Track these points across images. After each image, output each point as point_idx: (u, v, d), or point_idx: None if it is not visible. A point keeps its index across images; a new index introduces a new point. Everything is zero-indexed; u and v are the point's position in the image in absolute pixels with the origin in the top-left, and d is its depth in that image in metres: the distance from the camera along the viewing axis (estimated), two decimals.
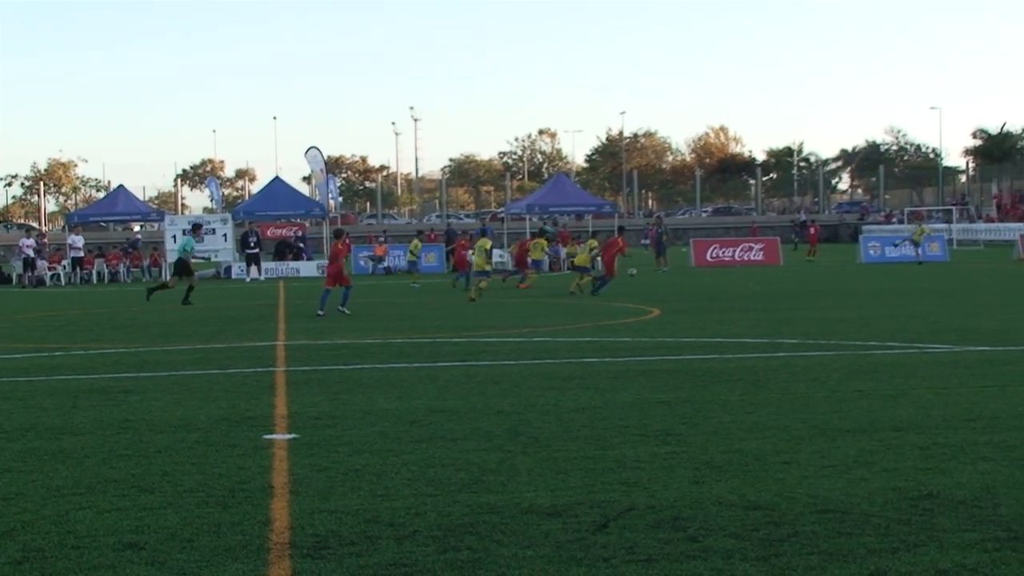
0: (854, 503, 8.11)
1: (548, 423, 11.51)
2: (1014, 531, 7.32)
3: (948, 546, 7.03)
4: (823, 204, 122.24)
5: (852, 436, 10.57)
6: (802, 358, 16.76)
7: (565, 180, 65.05)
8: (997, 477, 8.80)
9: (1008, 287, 33.37)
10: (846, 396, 12.95)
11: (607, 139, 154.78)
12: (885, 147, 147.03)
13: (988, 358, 16.31)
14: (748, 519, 7.74)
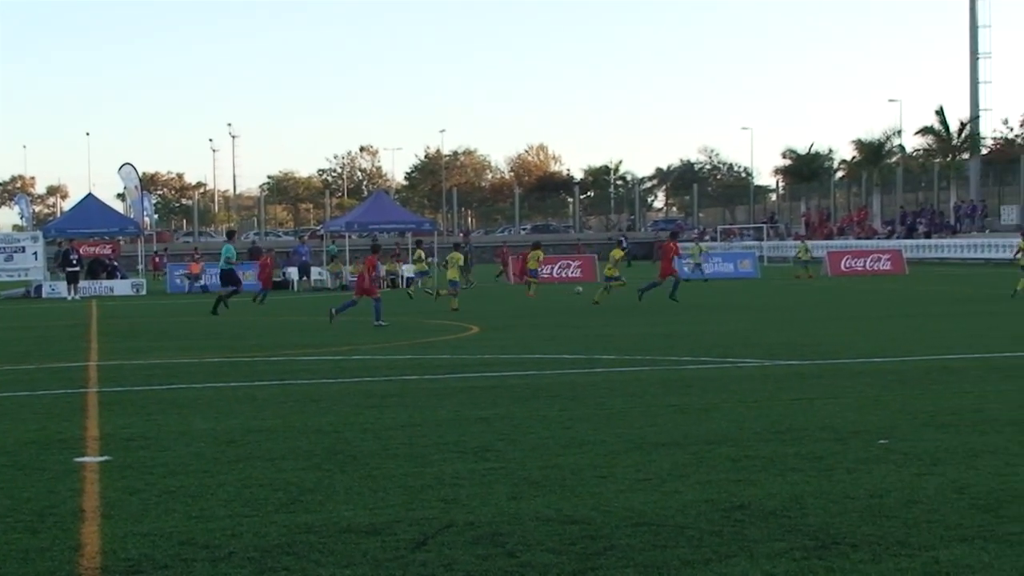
0: (668, 515, 8.25)
1: (367, 441, 11.46)
2: (821, 540, 7.53)
3: (758, 556, 7.20)
4: (639, 222, 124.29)
5: (667, 450, 10.75)
6: (619, 373, 17.00)
7: (384, 198, 64.89)
8: (805, 487, 9.04)
9: (816, 302, 34.35)
10: (661, 410, 13.18)
11: (427, 157, 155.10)
12: (699, 166, 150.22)
13: (797, 372, 16.77)
14: (565, 533, 7.81)
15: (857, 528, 7.81)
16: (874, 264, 59.33)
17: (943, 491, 8.84)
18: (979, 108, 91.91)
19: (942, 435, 11.27)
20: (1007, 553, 7.13)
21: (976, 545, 7.33)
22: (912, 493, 8.79)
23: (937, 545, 7.36)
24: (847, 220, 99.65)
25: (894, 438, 11.13)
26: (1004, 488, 8.89)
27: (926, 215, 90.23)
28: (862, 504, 8.47)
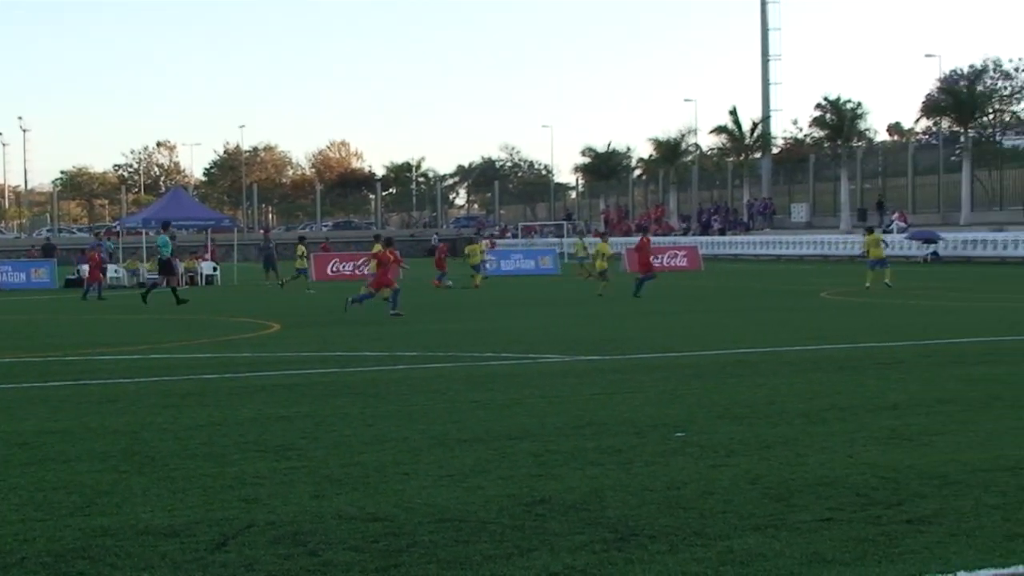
0: (471, 511, 8.29)
1: (165, 441, 11.25)
2: (620, 532, 7.66)
3: (559, 549, 7.29)
4: (441, 219, 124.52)
5: (469, 445, 10.80)
6: (421, 370, 17.03)
7: (182, 194, 63.67)
8: (605, 481, 9.19)
9: (613, 299, 34.91)
10: (463, 406, 13.23)
11: (226, 152, 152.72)
12: (500, 163, 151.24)
13: (597, 367, 17.03)
14: (368, 531, 7.79)
15: (655, 519, 7.96)
16: (671, 260, 60.55)
17: (737, 482, 9.08)
18: (770, 108, 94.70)
19: (736, 427, 11.57)
20: (797, 541, 7.36)
21: (768, 534, 7.55)
22: (708, 484, 9.00)
23: (732, 535, 7.56)
24: (645, 217, 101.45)
25: (691, 431, 11.39)
26: (795, 478, 9.17)
27: (721, 212, 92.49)
28: (660, 496, 8.64)
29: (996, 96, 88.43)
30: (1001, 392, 13.64)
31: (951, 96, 78.23)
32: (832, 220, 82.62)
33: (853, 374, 15.63)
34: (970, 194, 73.75)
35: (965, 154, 75.50)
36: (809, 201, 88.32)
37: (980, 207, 74.16)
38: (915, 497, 8.46)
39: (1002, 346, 19.04)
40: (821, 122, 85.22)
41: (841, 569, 6.79)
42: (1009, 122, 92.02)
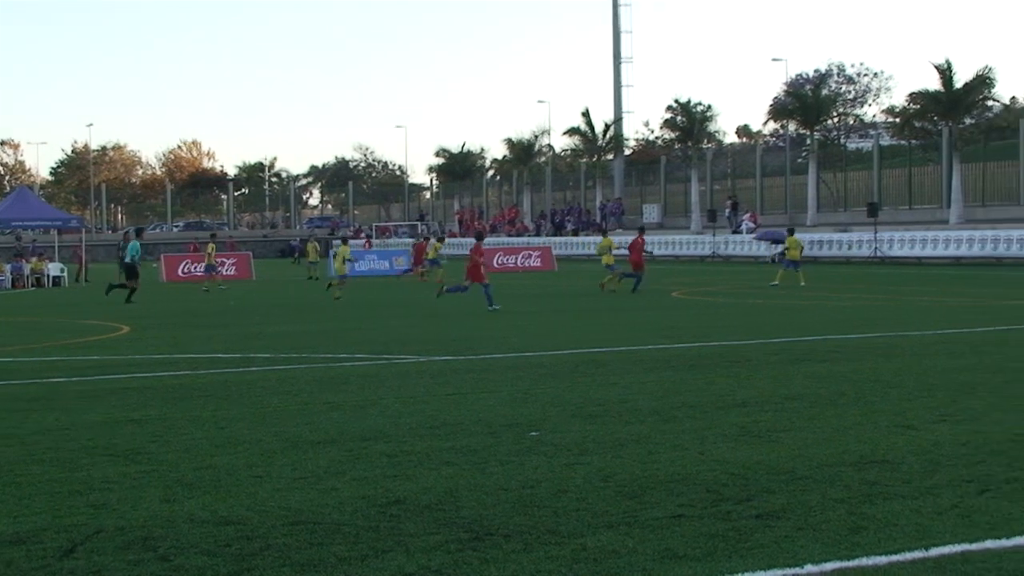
0: (325, 513, 8.24)
1: (10, 447, 10.97)
2: (475, 531, 7.68)
3: (414, 550, 7.28)
4: (295, 219, 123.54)
5: (323, 447, 10.74)
6: (275, 372, 16.87)
7: (28, 194, 62.25)
8: (460, 481, 9.20)
9: (469, 299, 34.99)
10: (317, 408, 13.15)
11: (73, 151, 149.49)
12: (354, 164, 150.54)
13: (451, 367, 17.04)
14: (220, 535, 7.70)
15: (510, 519, 8.00)
16: (525, 261, 60.92)
17: (591, 480, 9.16)
18: (622, 110, 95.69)
19: (590, 426, 11.68)
20: (650, 538, 7.46)
21: (621, 531, 7.64)
22: (561, 483, 9.07)
23: (585, 532, 7.63)
24: (499, 218, 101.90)
25: (545, 430, 11.46)
26: (647, 475, 9.28)
27: (574, 213, 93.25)
28: (514, 495, 8.68)
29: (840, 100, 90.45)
30: (846, 389, 13.97)
31: (797, 100, 79.88)
32: (683, 221, 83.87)
33: (704, 372, 15.88)
34: (816, 195, 75.46)
35: (811, 156, 77.23)
36: (661, 202, 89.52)
37: (825, 208, 75.91)
38: (764, 493, 8.62)
39: (847, 344, 19.51)
40: (672, 124, 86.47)
41: (692, 564, 6.89)
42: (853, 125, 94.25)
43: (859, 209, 69.24)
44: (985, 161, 69.51)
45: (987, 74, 67.33)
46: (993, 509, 8.01)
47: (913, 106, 71.58)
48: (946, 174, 67.50)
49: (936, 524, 7.65)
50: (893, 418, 11.81)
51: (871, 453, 10.01)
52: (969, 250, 57.37)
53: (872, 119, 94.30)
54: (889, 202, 71.96)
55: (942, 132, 68.99)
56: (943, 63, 66.72)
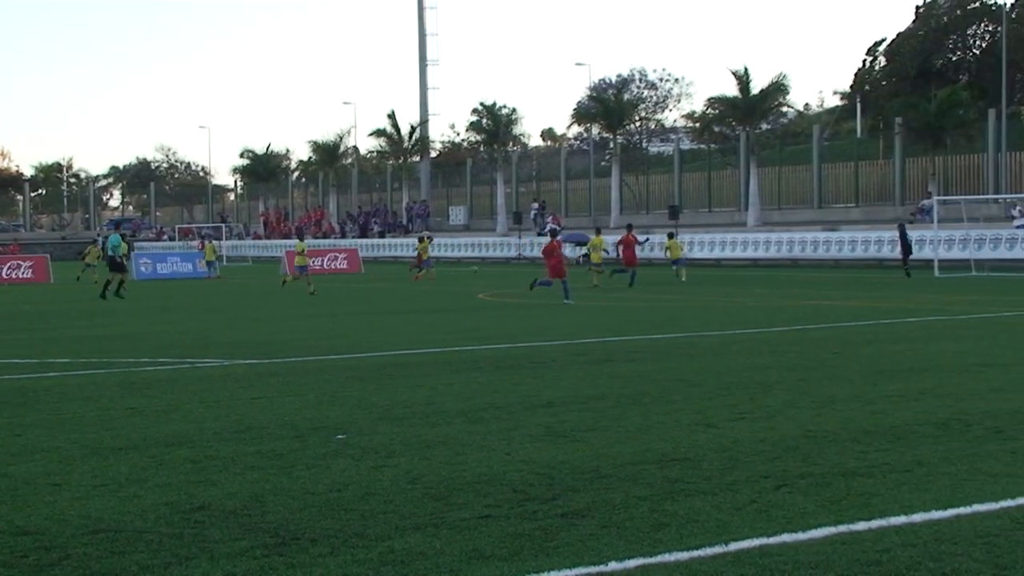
0: (127, 521, 8.07)
1: None
2: (281, 536, 7.61)
3: (219, 556, 7.18)
4: (94, 220, 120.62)
5: (125, 453, 10.51)
6: (73, 377, 16.44)
7: None
8: (265, 485, 9.11)
9: (277, 301, 34.65)
10: (119, 414, 12.86)
11: None
12: (156, 164, 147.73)
13: (256, 371, 16.85)
14: (17, 545, 7.47)
15: (317, 522, 7.95)
16: (331, 263, 60.56)
17: (398, 482, 9.16)
18: (428, 112, 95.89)
19: (397, 428, 11.67)
20: (456, 539, 7.49)
21: (428, 532, 7.65)
22: (369, 485, 9.05)
23: (393, 535, 7.62)
24: (304, 219, 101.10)
25: (352, 432, 11.41)
26: (454, 477, 9.32)
27: (380, 215, 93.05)
28: (321, 499, 8.63)
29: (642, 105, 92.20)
30: (648, 388, 14.23)
31: (600, 104, 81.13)
32: (489, 223, 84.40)
33: (510, 373, 16.01)
34: (619, 198, 76.71)
35: (614, 160, 78.49)
36: (467, 204, 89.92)
37: (628, 210, 77.17)
38: (569, 492, 8.74)
39: (650, 344, 19.88)
40: (478, 127, 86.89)
41: (499, 564, 6.95)
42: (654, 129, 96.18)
43: (661, 211, 70.64)
44: (780, 165, 71.69)
45: (782, 81, 69.39)
46: (789, 504, 8.26)
47: (712, 111, 73.40)
48: (744, 178, 69.36)
49: (735, 519, 7.85)
50: (694, 416, 12.08)
51: (673, 451, 10.22)
52: (766, 252, 59.04)
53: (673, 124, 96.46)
54: (689, 205, 73.59)
55: (740, 137, 70.81)
56: (740, 70, 68.55)
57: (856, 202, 67.21)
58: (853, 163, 68.55)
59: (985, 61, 78.75)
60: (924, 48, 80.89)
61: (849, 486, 8.74)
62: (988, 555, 6.91)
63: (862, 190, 67.57)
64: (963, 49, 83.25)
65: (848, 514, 7.90)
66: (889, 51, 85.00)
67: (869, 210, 65.29)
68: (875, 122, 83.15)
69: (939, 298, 30.76)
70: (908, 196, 64.23)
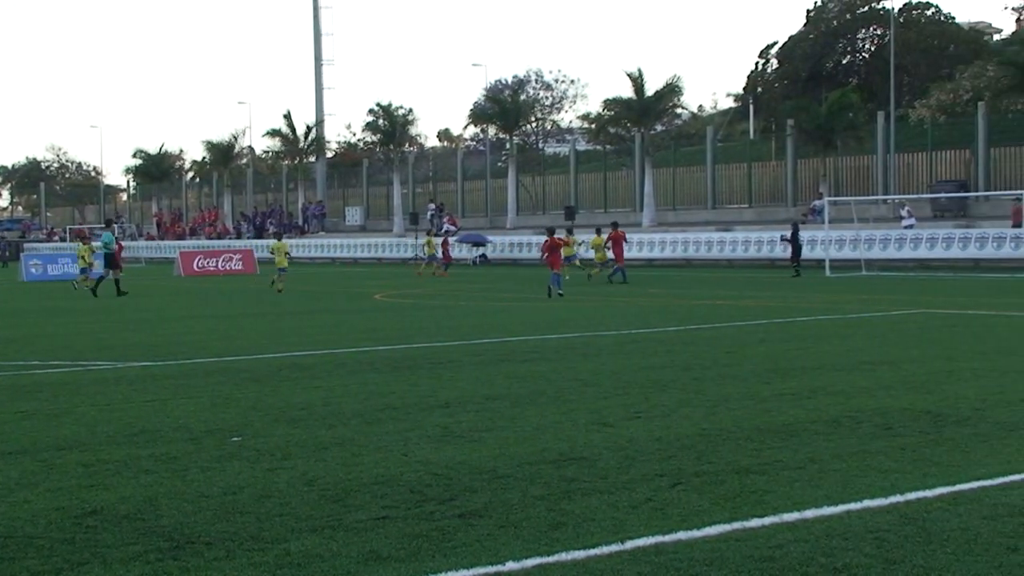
0: (17, 527, 7.93)
1: None
2: (176, 540, 7.53)
3: (112, 562, 7.09)
4: None
5: (14, 458, 10.32)
6: None
7: None
8: (159, 489, 9.00)
9: (170, 303, 34.26)
10: (8, 418, 12.63)
11: None
12: (47, 164, 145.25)
13: (150, 373, 16.65)
14: None
15: (212, 526, 7.88)
16: (226, 264, 59.99)
17: (294, 484, 9.11)
18: (324, 113, 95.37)
19: (293, 430, 11.60)
20: (353, 540, 7.47)
21: (325, 535, 7.62)
22: (265, 488, 8.99)
23: (289, 537, 7.58)
24: (199, 220, 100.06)
25: (247, 435, 11.32)
26: (351, 478, 9.29)
27: (275, 215, 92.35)
28: (216, 502, 8.56)
29: (538, 106, 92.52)
30: (545, 388, 14.29)
31: (496, 104, 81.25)
32: (386, 224, 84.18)
33: (407, 374, 15.98)
34: (515, 199, 76.86)
35: (510, 160, 78.65)
36: (363, 205, 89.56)
37: (525, 211, 77.42)
38: (466, 492, 8.75)
39: (546, 344, 19.96)
40: (374, 127, 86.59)
41: (396, 565, 6.94)
42: (550, 130, 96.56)
43: (557, 212, 70.94)
44: (675, 166, 72.36)
45: (676, 83, 70.03)
46: (684, 502, 8.34)
47: (607, 113, 73.83)
48: (639, 178, 69.90)
49: (631, 518, 7.92)
50: (590, 416, 12.15)
51: (569, 450, 10.28)
52: (661, 252, 59.56)
53: (569, 125, 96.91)
54: (585, 205, 74.02)
55: (635, 138, 71.35)
56: (635, 72, 69.06)
57: (749, 203, 68.09)
58: (746, 164, 69.41)
59: (874, 64, 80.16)
60: (815, 51, 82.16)
61: (743, 484, 8.85)
62: (878, 550, 7.04)
63: (755, 191, 68.44)
64: (853, 52, 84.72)
65: (742, 511, 8.01)
66: (781, 54, 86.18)
67: (762, 211, 66.15)
68: (767, 124, 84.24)
69: (830, 298, 31.26)
70: (800, 197, 65.17)
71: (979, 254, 47.39)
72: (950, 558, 6.86)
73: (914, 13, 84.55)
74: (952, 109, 67.23)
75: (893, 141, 61.94)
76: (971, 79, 67.15)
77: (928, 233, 49.98)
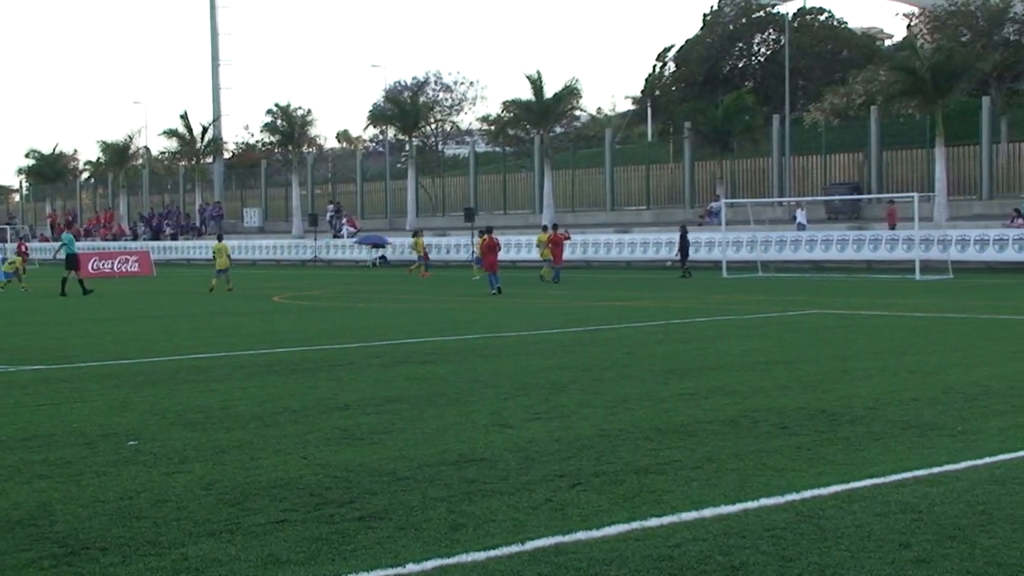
0: None
1: None
2: (70, 546, 7.42)
3: (4, 568, 6.97)
4: None
5: None
6: None
7: None
8: (53, 494, 8.86)
9: (62, 305, 33.72)
10: None
11: None
12: None
13: (43, 376, 16.38)
14: None
15: (107, 531, 7.77)
16: (122, 266, 59.14)
17: (192, 488, 9.02)
18: (221, 113, 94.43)
19: (190, 433, 11.48)
20: (252, 544, 7.41)
21: (223, 539, 7.55)
22: (162, 492, 8.88)
23: (187, 542, 7.50)
24: (94, 221, 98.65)
25: (144, 439, 11.19)
26: (249, 481, 9.22)
27: (173, 217, 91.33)
28: (112, 507, 8.44)
29: (438, 107, 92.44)
30: (445, 390, 14.29)
31: (396, 106, 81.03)
32: (284, 225, 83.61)
33: (306, 376, 15.89)
34: (415, 200, 76.74)
35: (410, 162, 78.51)
36: (262, 206, 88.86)
37: (425, 212, 77.32)
38: (366, 494, 8.72)
39: (446, 346, 19.96)
40: (272, 128, 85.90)
41: (296, 569, 6.90)
42: (450, 132, 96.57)
43: (457, 214, 70.90)
44: (574, 168, 72.74)
45: (574, 85, 70.26)
46: (584, 502, 8.39)
47: (507, 114, 73.93)
48: (538, 180, 70.10)
49: (531, 518, 7.95)
50: (491, 417, 12.17)
51: (470, 452, 10.29)
52: None
53: (469, 126, 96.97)
54: (485, 207, 74.08)
55: (534, 140, 71.56)
56: (534, 74, 69.18)
57: (648, 204, 68.66)
58: (644, 166, 70.01)
59: (769, 68, 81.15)
60: (711, 55, 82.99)
61: (642, 483, 8.92)
62: (775, 547, 7.14)
63: (653, 193, 69.02)
64: (749, 56, 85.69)
65: (641, 511, 8.07)
66: (678, 57, 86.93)
67: (660, 212, 66.71)
68: (665, 126, 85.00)
69: (727, 298, 31.62)
70: (698, 199, 65.83)
71: (872, 256, 48.22)
72: (844, 555, 6.97)
73: (808, 18, 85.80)
74: (845, 113, 68.32)
75: (788, 144, 62.79)
76: (864, 83, 68.24)
77: (823, 235, 50.75)
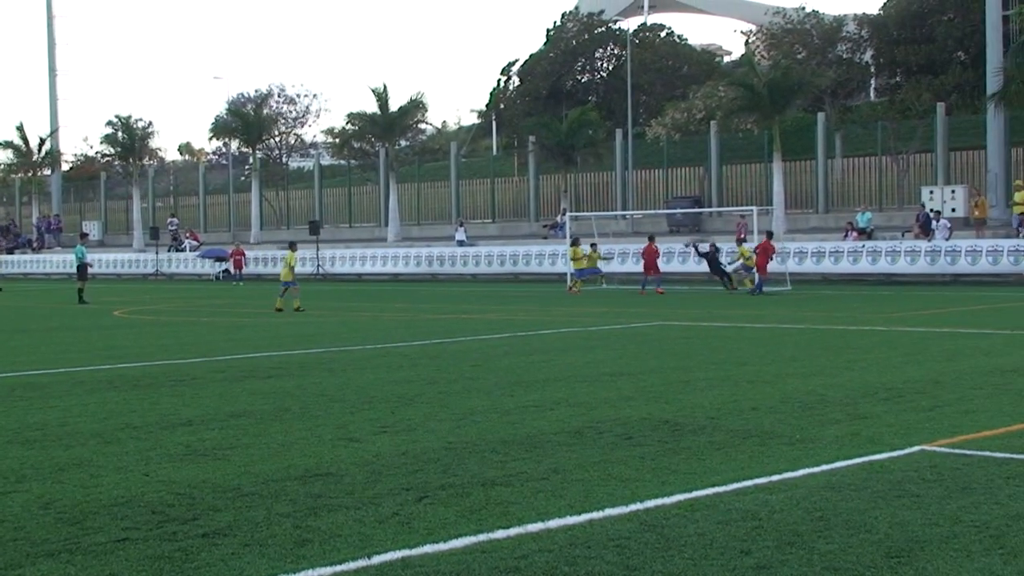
0: None
1: None
2: None
3: None
4: None
5: None
6: None
7: None
8: None
9: None
10: None
11: None
12: None
13: None
14: None
15: None
16: None
17: (29, 507, 8.81)
18: (58, 124, 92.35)
19: (28, 451, 11.21)
20: (92, 564, 7.27)
21: (62, 559, 7.39)
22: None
23: (24, 563, 7.33)
24: None
25: None
26: (90, 500, 9.03)
27: (9, 231, 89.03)
28: None
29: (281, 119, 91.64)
30: (290, 404, 14.18)
31: (239, 118, 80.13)
32: (125, 238, 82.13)
33: (148, 392, 15.62)
34: (259, 213, 75.98)
35: (253, 175, 77.73)
36: (101, 219, 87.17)
37: (269, 226, 76.61)
38: (210, 511, 8.61)
39: (291, 360, 19.79)
40: (112, 140, 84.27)
41: None
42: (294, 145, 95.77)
43: (301, 227, 70.36)
44: (420, 181, 72.74)
45: (420, 99, 70.38)
46: (431, 515, 8.39)
47: (352, 127, 73.64)
48: (384, 193, 69.96)
49: (378, 532, 7.93)
50: (337, 431, 12.11)
51: (316, 466, 10.22)
52: (406, 267, 59.71)
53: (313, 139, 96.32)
54: (330, 220, 73.73)
55: (379, 153, 71.40)
56: (379, 87, 69.04)
57: (493, 218, 68.96)
58: (489, 180, 70.32)
59: (612, 83, 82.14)
60: (555, 69, 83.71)
61: (488, 495, 8.96)
62: (619, 557, 7.23)
63: (499, 206, 69.35)
64: (592, 71, 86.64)
65: (488, 523, 8.11)
66: (522, 72, 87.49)
67: (505, 226, 67.07)
68: (510, 140, 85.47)
69: (572, 311, 31.90)
70: (542, 212, 66.32)
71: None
72: (687, 563, 7.09)
73: (649, 35, 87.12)
74: (686, 128, 69.44)
75: (631, 158, 63.64)
76: (704, 99, 69.50)
77: (665, 247, 51.44)
